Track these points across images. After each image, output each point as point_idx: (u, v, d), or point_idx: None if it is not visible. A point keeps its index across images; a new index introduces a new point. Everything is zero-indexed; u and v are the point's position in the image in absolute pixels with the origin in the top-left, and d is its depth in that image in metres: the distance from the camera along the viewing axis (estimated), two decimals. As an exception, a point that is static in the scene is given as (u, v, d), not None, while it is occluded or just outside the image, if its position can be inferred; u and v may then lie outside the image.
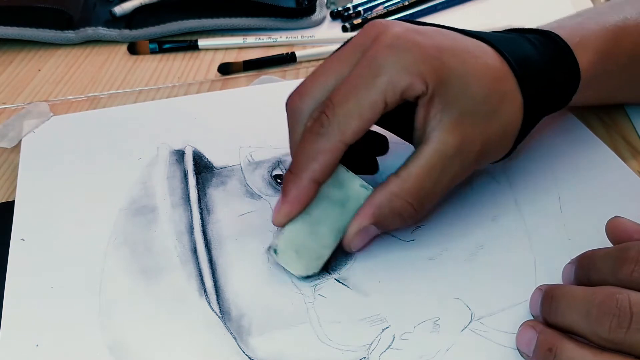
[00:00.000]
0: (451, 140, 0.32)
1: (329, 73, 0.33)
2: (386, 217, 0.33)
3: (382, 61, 0.31)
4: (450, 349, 0.31)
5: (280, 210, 0.33)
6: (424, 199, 0.33)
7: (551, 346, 0.28)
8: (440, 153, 0.32)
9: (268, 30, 0.61)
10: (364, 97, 0.31)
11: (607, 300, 0.26)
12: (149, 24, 0.60)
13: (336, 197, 0.33)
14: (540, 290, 0.30)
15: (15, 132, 0.46)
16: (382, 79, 0.31)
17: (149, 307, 0.33)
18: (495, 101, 0.33)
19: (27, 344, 0.31)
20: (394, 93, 0.31)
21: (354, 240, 0.33)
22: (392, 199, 0.32)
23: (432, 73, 0.31)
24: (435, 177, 0.32)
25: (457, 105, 0.32)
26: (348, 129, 0.31)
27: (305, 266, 0.33)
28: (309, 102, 0.33)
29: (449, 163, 0.32)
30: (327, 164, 0.32)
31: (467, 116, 0.32)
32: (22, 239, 0.37)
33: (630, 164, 0.42)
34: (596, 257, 0.30)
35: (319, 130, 0.31)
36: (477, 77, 0.33)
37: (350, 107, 0.31)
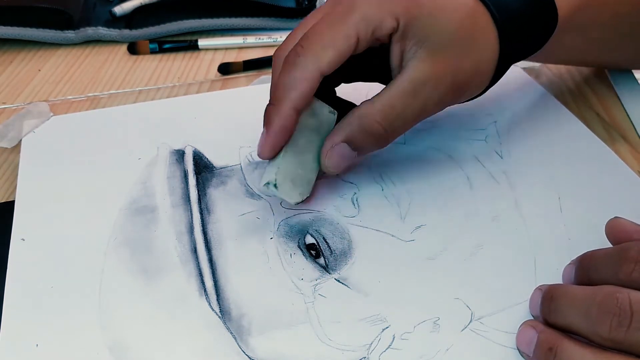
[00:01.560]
0: (422, 68, 0.34)
1: (308, 21, 0.36)
2: (355, 134, 0.35)
3: (354, 1, 0.33)
4: (450, 349, 0.31)
5: (266, 142, 0.35)
6: (393, 119, 0.35)
7: (551, 346, 0.28)
8: (411, 79, 0.34)
9: (268, 30, 0.61)
10: (338, 30, 0.33)
11: (607, 299, 0.26)
12: (149, 24, 0.60)
13: (312, 125, 0.36)
14: (540, 290, 0.30)
15: (15, 132, 0.46)
16: (355, 14, 0.33)
17: (149, 307, 0.33)
18: (469, 37, 0.35)
19: (27, 344, 0.31)
20: (366, 28, 0.33)
21: (328, 158, 0.35)
22: (361, 118, 0.35)
23: (403, 10, 0.33)
24: (405, 100, 0.34)
25: (429, 39, 0.34)
26: (324, 57, 0.33)
27: (300, 193, 0.36)
28: (289, 47, 0.35)
29: (420, 88, 0.34)
30: (306, 91, 0.33)
31: (439, 49, 0.34)
32: (22, 239, 0.37)
33: (630, 164, 0.42)
34: (596, 257, 0.30)
35: (295, 59, 0.33)
36: (449, 12, 0.35)
37: (325, 38, 0.33)
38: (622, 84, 0.50)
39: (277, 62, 0.36)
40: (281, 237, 0.36)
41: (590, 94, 0.50)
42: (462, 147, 0.43)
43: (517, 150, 0.43)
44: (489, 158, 0.42)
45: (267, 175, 0.35)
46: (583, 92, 0.51)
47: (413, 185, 0.40)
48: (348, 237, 0.36)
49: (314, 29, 0.34)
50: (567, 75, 0.53)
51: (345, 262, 0.35)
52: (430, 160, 0.42)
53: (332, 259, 0.35)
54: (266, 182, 0.35)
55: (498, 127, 0.45)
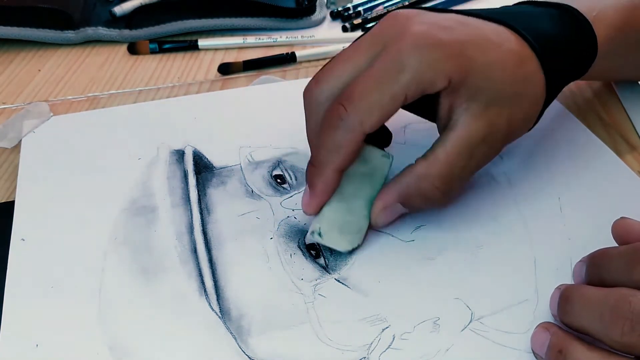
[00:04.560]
0: (478, 127, 0.33)
1: (348, 62, 0.34)
2: (412, 197, 0.34)
3: (406, 58, 0.32)
4: (450, 349, 0.31)
5: (310, 202, 0.34)
6: (451, 183, 0.34)
7: (561, 348, 0.28)
8: (467, 139, 0.33)
9: (268, 30, 0.61)
10: (386, 91, 0.32)
11: (620, 303, 0.26)
12: (149, 24, 0.60)
13: (362, 171, 0.35)
14: (559, 290, 0.30)
15: (15, 132, 0.46)
16: (406, 75, 0.31)
17: (149, 307, 0.33)
18: (519, 85, 0.34)
19: (27, 344, 0.31)
20: (415, 88, 0.32)
21: (379, 216, 0.35)
22: (420, 181, 0.34)
23: (455, 69, 0.32)
24: (462, 162, 0.33)
25: (482, 94, 0.33)
26: (368, 120, 0.32)
27: (349, 241, 0.35)
28: (326, 90, 0.34)
29: (476, 149, 0.33)
30: (348, 154, 0.33)
31: (492, 103, 0.33)
32: (22, 239, 0.37)
33: (630, 164, 0.42)
34: (608, 256, 0.29)
35: (338, 123, 0.32)
36: (500, 65, 0.33)
37: (372, 99, 0.32)
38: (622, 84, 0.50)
39: (308, 103, 0.34)
40: (281, 237, 0.36)
41: (591, 94, 0.50)
42: (462, 147, 0.43)
43: (517, 150, 0.43)
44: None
45: (313, 225, 0.35)
46: (583, 92, 0.50)
47: (413, 185, 0.40)
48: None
49: (359, 86, 0.32)
50: (567, 76, 0.53)
51: (345, 262, 0.35)
52: (430, 160, 0.42)
53: (332, 259, 0.35)
54: (311, 231, 0.35)
55: (498, 127, 0.45)
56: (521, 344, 0.31)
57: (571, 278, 0.33)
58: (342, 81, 0.33)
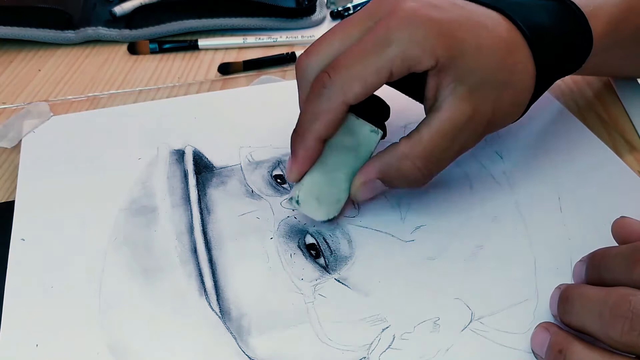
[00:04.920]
0: (463, 109, 0.33)
1: (338, 35, 0.34)
2: (392, 175, 0.34)
3: (394, 32, 0.32)
4: (450, 349, 0.31)
5: (291, 168, 0.35)
6: (432, 164, 0.34)
7: (561, 348, 0.28)
8: (452, 121, 0.33)
9: (268, 30, 0.61)
10: (370, 63, 0.32)
11: (619, 302, 0.26)
12: (149, 24, 0.60)
13: (349, 144, 0.35)
14: (559, 289, 0.30)
15: (15, 132, 0.46)
16: (392, 49, 0.31)
17: (149, 307, 0.33)
18: (508, 73, 0.34)
19: (27, 344, 0.31)
20: (401, 64, 0.32)
21: (358, 190, 0.35)
22: (401, 159, 0.33)
23: (443, 48, 0.32)
24: (445, 144, 0.33)
25: (469, 77, 0.33)
26: (350, 90, 0.32)
27: (326, 211, 0.35)
28: (316, 60, 0.34)
29: (460, 131, 0.33)
30: (330, 123, 0.33)
31: (479, 87, 0.33)
32: (22, 239, 0.37)
33: (630, 164, 0.42)
34: (608, 256, 0.29)
35: (321, 90, 0.32)
36: (490, 50, 0.33)
37: (355, 70, 0.32)
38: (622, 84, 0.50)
39: (299, 73, 0.35)
40: (281, 237, 0.36)
41: (591, 94, 0.50)
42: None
43: (517, 150, 0.43)
44: (489, 158, 0.42)
45: (292, 191, 0.35)
46: (583, 92, 0.50)
47: (413, 185, 0.40)
48: (348, 237, 0.36)
49: (345, 57, 0.32)
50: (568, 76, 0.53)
51: (345, 262, 0.35)
52: (430, 160, 0.42)
53: (332, 259, 0.35)
54: (289, 197, 0.35)
55: (498, 127, 0.45)
56: (521, 344, 0.31)
57: (571, 278, 0.33)
58: (332, 53, 0.33)
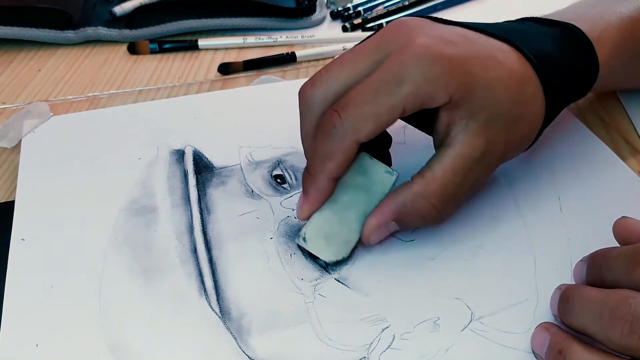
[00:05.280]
0: (476, 145, 0.32)
1: (347, 66, 0.33)
2: (408, 215, 0.33)
3: (407, 70, 0.31)
4: (450, 349, 0.31)
5: (302, 207, 0.34)
6: (447, 201, 0.33)
7: (561, 348, 0.28)
8: (465, 157, 0.32)
9: (268, 30, 0.61)
10: (383, 102, 0.31)
11: (619, 304, 0.26)
12: (149, 24, 0.60)
13: (361, 184, 0.34)
14: (559, 289, 0.30)
15: (15, 132, 0.46)
16: (406, 87, 0.31)
17: (149, 307, 0.33)
18: (520, 107, 0.34)
19: (27, 344, 0.31)
20: (414, 102, 0.31)
21: (372, 234, 0.34)
22: (416, 199, 0.33)
23: (456, 85, 0.31)
24: (459, 180, 0.33)
25: (482, 112, 0.32)
26: (362, 130, 0.31)
27: (334, 252, 0.34)
28: (323, 92, 0.33)
29: (473, 167, 0.33)
30: (342, 162, 0.32)
31: (491, 122, 0.33)
32: (22, 239, 0.37)
33: (630, 164, 0.42)
34: (609, 256, 0.29)
35: (332, 130, 0.31)
36: (502, 84, 0.33)
37: (368, 109, 0.31)
38: (622, 84, 0.50)
39: (303, 104, 0.34)
40: (281, 237, 0.36)
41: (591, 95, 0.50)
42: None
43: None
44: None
45: (302, 229, 0.34)
46: (583, 92, 0.50)
47: (413, 185, 0.40)
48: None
49: (356, 95, 0.31)
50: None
51: (345, 262, 0.35)
52: (430, 160, 0.42)
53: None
54: (299, 235, 0.34)
55: (498, 127, 0.45)
56: (521, 344, 0.31)
57: (571, 278, 0.33)
58: (339, 85, 0.32)
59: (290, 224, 0.37)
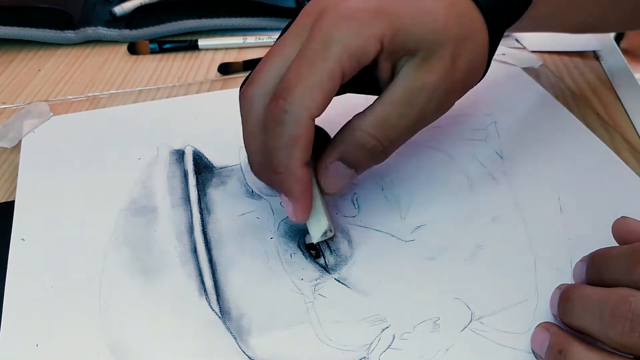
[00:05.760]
0: (416, 76, 0.31)
1: (276, 57, 0.32)
2: (349, 150, 0.32)
3: (330, 32, 0.30)
4: (450, 349, 0.31)
5: (295, 211, 0.32)
6: (388, 131, 0.32)
7: (561, 348, 0.28)
8: (404, 88, 0.32)
9: (268, 30, 0.61)
10: (320, 70, 0.30)
11: (620, 303, 0.26)
12: (149, 24, 0.60)
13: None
14: (560, 289, 0.30)
15: (15, 132, 0.46)
16: (335, 48, 0.30)
17: (149, 307, 0.33)
18: (455, 26, 0.32)
19: (27, 344, 0.31)
20: (349, 60, 0.30)
21: (324, 178, 0.33)
22: (354, 132, 0.32)
23: (384, 27, 0.30)
24: (400, 110, 0.32)
25: (418, 46, 0.31)
26: (312, 104, 0.30)
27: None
28: (260, 88, 0.32)
29: (415, 97, 0.32)
30: (306, 144, 0.31)
31: (430, 52, 0.31)
32: (22, 239, 0.37)
33: (630, 164, 0.42)
34: (609, 256, 0.29)
35: (282, 116, 0.30)
36: (429, 10, 0.32)
37: (309, 81, 0.30)
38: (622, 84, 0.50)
39: (244, 104, 0.33)
40: (281, 237, 0.36)
41: (590, 94, 0.50)
42: (462, 147, 0.43)
43: (517, 150, 0.43)
44: (489, 158, 0.42)
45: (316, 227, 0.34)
46: (583, 92, 0.51)
47: (413, 185, 0.40)
48: (348, 237, 0.36)
49: (292, 74, 0.30)
50: (567, 76, 0.53)
51: (345, 262, 0.35)
52: (430, 160, 0.42)
53: (332, 259, 0.35)
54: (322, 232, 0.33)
55: (498, 127, 0.45)
56: (521, 344, 0.31)
57: (571, 278, 0.33)
58: (275, 75, 0.31)
59: (290, 224, 0.37)
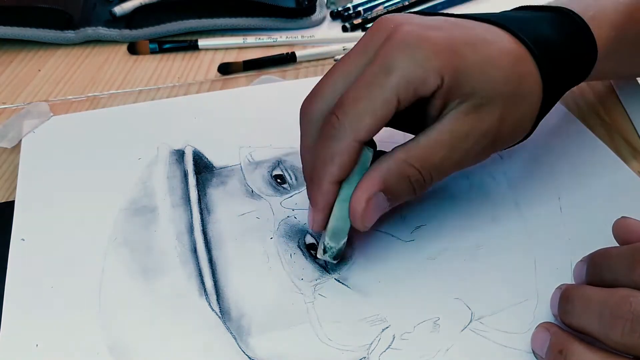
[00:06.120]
0: (464, 121, 0.32)
1: (339, 74, 0.33)
2: (394, 181, 0.32)
3: (394, 59, 0.31)
4: (450, 349, 0.31)
5: (314, 218, 0.33)
6: (431, 169, 0.32)
7: (562, 348, 0.28)
8: (451, 132, 0.32)
9: (268, 30, 0.61)
10: (376, 95, 0.30)
11: (620, 303, 0.26)
12: (149, 24, 0.60)
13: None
14: (560, 289, 0.30)
15: (15, 132, 0.46)
16: (395, 76, 0.30)
17: (149, 307, 0.33)
18: (515, 84, 0.33)
19: (27, 344, 0.31)
20: (407, 89, 0.31)
21: (361, 210, 0.31)
22: (400, 164, 0.32)
23: (446, 65, 0.31)
24: (443, 153, 0.32)
25: (475, 93, 0.32)
26: (361, 128, 0.31)
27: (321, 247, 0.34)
28: (320, 104, 0.33)
29: (459, 142, 0.32)
30: (344, 164, 0.31)
31: (484, 102, 0.32)
32: (22, 239, 0.37)
33: (630, 164, 0.42)
34: (609, 256, 0.29)
35: (331, 132, 0.31)
36: (494, 62, 0.32)
37: (363, 106, 0.30)
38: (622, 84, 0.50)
39: (303, 118, 0.34)
40: (281, 237, 0.36)
41: (591, 94, 0.50)
42: (462, 147, 0.43)
43: (517, 150, 0.43)
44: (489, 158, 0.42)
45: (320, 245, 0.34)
46: (583, 92, 0.50)
47: (413, 185, 0.40)
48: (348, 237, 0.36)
49: (350, 94, 0.31)
50: (567, 76, 0.53)
51: (345, 262, 0.35)
52: (430, 160, 0.42)
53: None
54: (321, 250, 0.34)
55: (498, 127, 0.45)
56: (521, 344, 0.31)
57: (571, 278, 0.33)
58: (336, 94, 0.32)
59: (290, 224, 0.37)
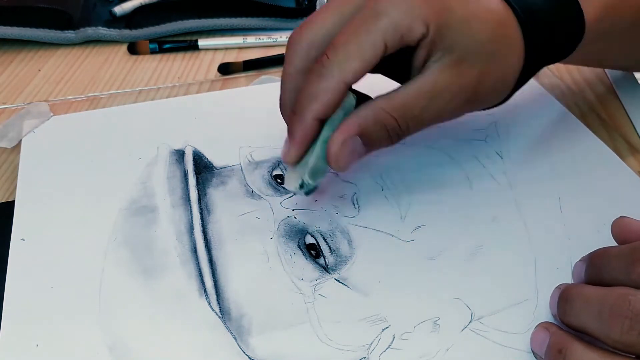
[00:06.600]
0: (445, 75, 0.33)
1: (332, 12, 0.34)
2: (371, 128, 0.33)
3: (384, 6, 0.32)
4: (450, 349, 0.31)
5: (289, 150, 0.34)
6: (408, 118, 0.33)
7: (561, 347, 0.28)
8: (432, 82, 0.33)
9: (268, 30, 0.61)
10: (365, 39, 0.32)
11: (619, 302, 0.26)
12: (149, 24, 0.60)
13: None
14: (559, 289, 0.30)
15: (15, 132, 0.46)
16: (383, 21, 0.32)
17: (149, 307, 0.33)
18: (496, 44, 0.34)
19: (27, 344, 0.31)
20: (394, 35, 0.32)
21: (338, 151, 0.33)
22: (378, 111, 0.33)
23: (433, 15, 0.32)
24: (422, 103, 0.33)
25: (458, 47, 0.33)
26: (349, 69, 0.32)
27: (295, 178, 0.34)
28: (308, 35, 0.34)
29: (439, 94, 0.33)
30: (329, 102, 0.32)
31: (466, 57, 0.33)
32: (22, 239, 0.37)
33: (630, 164, 0.42)
34: (608, 255, 0.29)
35: (320, 70, 0.32)
36: (479, 19, 0.33)
37: (351, 48, 0.32)
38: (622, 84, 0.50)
39: (290, 46, 0.34)
40: (281, 237, 0.36)
41: (591, 94, 0.50)
42: (462, 147, 0.43)
43: (517, 150, 0.43)
44: (489, 158, 0.42)
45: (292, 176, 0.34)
46: (583, 92, 0.51)
47: (413, 185, 0.40)
48: (348, 237, 0.36)
49: (341, 36, 0.32)
50: (568, 76, 0.53)
51: (345, 262, 0.35)
52: (430, 160, 0.42)
53: (332, 259, 0.35)
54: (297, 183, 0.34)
55: (498, 127, 0.45)
56: (521, 344, 0.31)
57: (571, 278, 0.33)
58: (325, 29, 0.33)
59: (291, 224, 0.37)
